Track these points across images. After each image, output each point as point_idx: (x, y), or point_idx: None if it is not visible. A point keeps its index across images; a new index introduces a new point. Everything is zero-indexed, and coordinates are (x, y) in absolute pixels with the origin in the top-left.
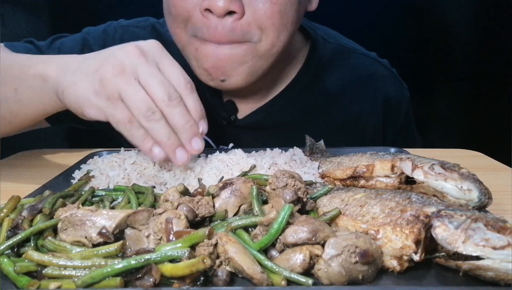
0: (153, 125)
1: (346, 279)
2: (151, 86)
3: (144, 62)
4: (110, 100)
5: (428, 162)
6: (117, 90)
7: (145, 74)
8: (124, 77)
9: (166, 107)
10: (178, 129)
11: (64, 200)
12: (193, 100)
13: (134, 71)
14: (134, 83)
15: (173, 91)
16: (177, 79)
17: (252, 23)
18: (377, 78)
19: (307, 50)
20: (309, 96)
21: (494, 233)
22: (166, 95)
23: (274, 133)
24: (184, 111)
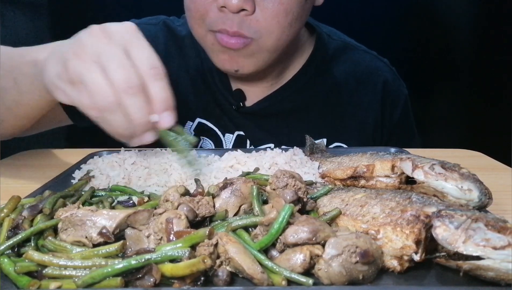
0: (110, 116)
1: (347, 279)
2: (109, 70)
3: (106, 44)
4: (73, 84)
5: (428, 162)
6: (78, 73)
7: (105, 56)
8: (83, 60)
9: (123, 94)
10: (132, 121)
11: (64, 200)
12: (157, 88)
13: (95, 53)
14: (93, 67)
15: (134, 76)
16: (142, 63)
17: (260, 20)
18: (377, 73)
19: (312, 44)
20: (313, 87)
21: (495, 233)
22: (124, 81)
23: (280, 120)
24: (140, 104)
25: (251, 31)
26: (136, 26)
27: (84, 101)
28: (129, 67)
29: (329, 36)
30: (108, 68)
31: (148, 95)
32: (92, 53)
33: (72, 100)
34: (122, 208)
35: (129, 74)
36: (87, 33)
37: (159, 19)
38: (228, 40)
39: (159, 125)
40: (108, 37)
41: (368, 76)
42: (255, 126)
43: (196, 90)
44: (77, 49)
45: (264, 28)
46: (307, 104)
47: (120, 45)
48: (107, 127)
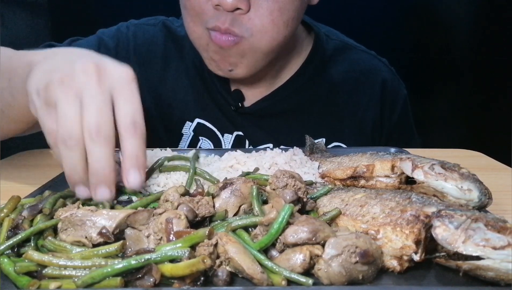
0: (63, 150)
1: (346, 279)
2: (87, 110)
3: (94, 84)
4: (46, 105)
5: (428, 162)
6: (55, 98)
7: (88, 96)
8: (65, 90)
9: (89, 138)
10: (90, 169)
11: (64, 200)
12: (132, 145)
13: (80, 89)
14: (72, 100)
15: (108, 127)
16: (125, 115)
17: (253, 18)
18: (376, 73)
19: (310, 44)
20: (312, 87)
21: (495, 233)
22: (95, 126)
23: (278, 120)
24: (106, 155)
25: (243, 29)
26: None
27: (49, 124)
28: (107, 115)
29: (328, 36)
30: (85, 108)
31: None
32: (78, 87)
33: (38, 118)
34: (122, 208)
35: (104, 122)
36: (82, 65)
37: (158, 20)
38: (220, 37)
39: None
40: (99, 77)
41: (367, 76)
42: (254, 127)
43: (195, 91)
44: (65, 76)
45: (256, 27)
46: (306, 104)
47: (108, 90)
48: (58, 159)
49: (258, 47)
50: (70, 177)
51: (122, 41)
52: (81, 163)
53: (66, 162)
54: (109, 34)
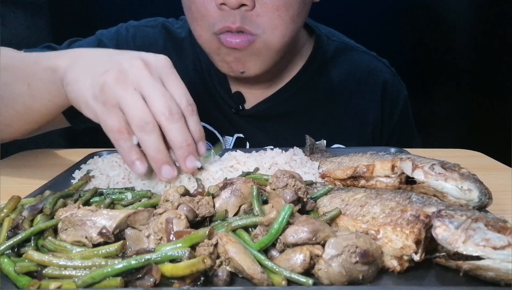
0: (144, 136)
1: (347, 279)
2: (152, 99)
3: (148, 75)
4: (106, 106)
5: (428, 162)
6: (115, 97)
7: (147, 86)
8: (125, 87)
9: (165, 120)
10: (175, 144)
11: (64, 200)
12: (194, 121)
13: (136, 82)
14: (133, 93)
15: (175, 106)
16: (180, 97)
17: (261, 14)
18: (376, 74)
19: (311, 46)
20: (313, 89)
21: (495, 233)
22: (167, 109)
23: (279, 122)
24: (184, 128)
25: (254, 27)
26: (169, 60)
27: (112, 122)
28: (170, 97)
29: (328, 37)
30: (150, 97)
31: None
32: (134, 82)
33: (99, 119)
34: (122, 208)
35: (171, 103)
36: (128, 61)
37: (157, 21)
38: (232, 39)
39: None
40: (148, 69)
41: (367, 77)
42: (254, 129)
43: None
44: (118, 75)
45: (266, 23)
46: (307, 105)
47: (158, 77)
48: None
49: (271, 44)
50: (156, 159)
51: (122, 43)
52: (163, 144)
53: (150, 146)
54: (108, 36)
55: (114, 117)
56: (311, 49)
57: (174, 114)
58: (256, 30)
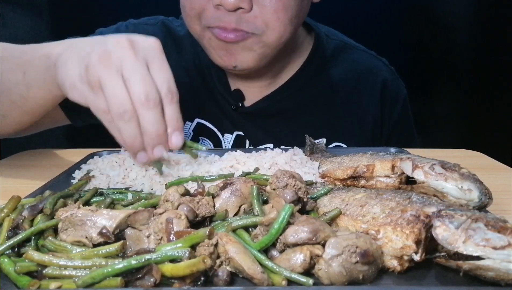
0: (122, 124)
1: (347, 279)
2: (131, 82)
3: (131, 56)
4: (92, 87)
5: (428, 162)
6: (99, 78)
7: (129, 68)
8: (107, 67)
9: (140, 106)
10: (145, 132)
11: (65, 200)
12: (172, 110)
13: (119, 63)
14: (115, 75)
15: (153, 92)
16: (162, 83)
17: (259, 16)
18: (376, 73)
19: (311, 44)
20: (312, 87)
21: (495, 233)
22: (143, 94)
23: (279, 120)
24: (157, 116)
25: (251, 27)
26: (160, 43)
27: (100, 105)
28: (150, 82)
29: (328, 36)
30: (129, 79)
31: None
32: (117, 62)
33: (87, 102)
34: (122, 208)
35: (149, 89)
36: (114, 40)
37: (157, 19)
38: (226, 34)
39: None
40: (134, 50)
41: (367, 76)
42: (254, 126)
43: (195, 91)
44: (102, 55)
45: (264, 24)
46: (306, 104)
47: (143, 59)
48: (116, 135)
49: (267, 43)
50: (132, 146)
51: None
52: (139, 131)
53: (127, 134)
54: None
55: (101, 99)
56: (310, 48)
57: (150, 100)
58: (253, 30)
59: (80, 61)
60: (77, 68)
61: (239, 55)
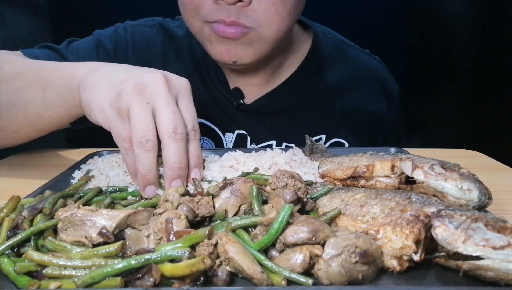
0: (141, 153)
1: (346, 279)
2: (162, 113)
3: (165, 91)
4: (120, 113)
5: (428, 162)
6: (129, 106)
7: (162, 101)
8: (140, 97)
9: (167, 137)
10: (167, 163)
11: (64, 200)
12: (195, 147)
13: (153, 96)
14: (145, 106)
15: (182, 126)
16: (188, 120)
17: (257, 10)
18: (373, 71)
19: (308, 43)
20: (311, 85)
21: (494, 233)
22: (172, 126)
23: (280, 118)
24: (182, 150)
25: (249, 21)
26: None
27: (123, 132)
28: (180, 117)
29: (325, 35)
30: (161, 111)
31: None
32: (151, 94)
33: (110, 127)
34: (122, 208)
35: (179, 122)
36: (150, 75)
37: (155, 21)
38: (225, 29)
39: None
40: (168, 86)
41: (365, 73)
42: (255, 124)
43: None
44: (137, 86)
45: (262, 18)
46: (306, 101)
47: (175, 97)
48: (130, 164)
49: (265, 37)
50: (145, 177)
51: (120, 42)
52: (156, 164)
53: (143, 164)
54: (106, 36)
55: (126, 125)
56: (308, 47)
57: (177, 133)
58: (251, 24)
59: (112, 87)
60: (108, 93)
61: (239, 50)
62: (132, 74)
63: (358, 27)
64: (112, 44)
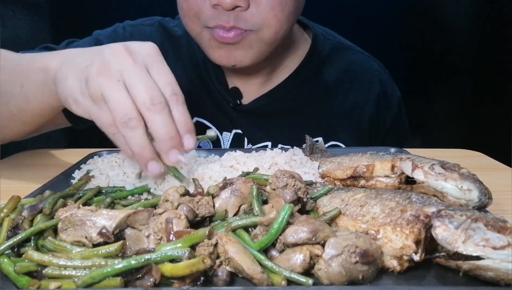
0: (128, 133)
1: (346, 279)
2: (133, 88)
3: (131, 63)
4: (94, 100)
5: (428, 162)
6: (100, 90)
7: (130, 75)
8: (107, 78)
9: (146, 110)
10: (157, 137)
11: (64, 200)
12: (179, 112)
13: (119, 72)
14: (116, 84)
15: (158, 95)
16: (165, 86)
17: (256, 14)
18: (372, 73)
19: (307, 44)
20: (310, 86)
21: (494, 233)
22: (148, 98)
23: (277, 119)
24: (167, 119)
25: (248, 25)
26: (157, 47)
27: (105, 117)
28: (153, 86)
29: (324, 37)
30: (132, 86)
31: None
32: (116, 71)
33: (91, 116)
34: (122, 208)
35: (153, 92)
36: (110, 50)
37: (154, 20)
38: (225, 34)
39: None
40: (131, 56)
41: (363, 75)
42: (252, 125)
43: (193, 90)
44: (100, 66)
45: (261, 21)
46: (304, 103)
47: (143, 65)
48: (123, 147)
49: (263, 39)
50: (141, 155)
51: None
52: (147, 139)
53: (134, 142)
54: (105, 35)
55: (105, 111)
56: (307, 48)
57: (156, 103)
58: (251, 27)
59: (79, 75)
60: (77, 82)
61: (238, 54)
62: (93, 55)
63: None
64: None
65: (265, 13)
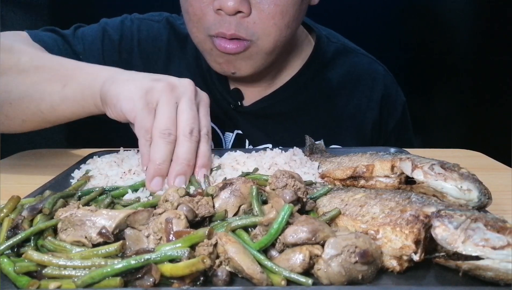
0: (161, 143)
1: (346, 279)
2: (183, 114)
3: (192, 96)
4: (147, 105)
5: (428, 162)
6: (157, 101)
7: (186, 104)
8: (168, 96)
9: (183, 136)
10: (177, 159)
11: (64, 200)
12: (205, 148)
13: (179, 97)
14: (172, 104)
15: (197, 130)
16: (204, 126)
17: (257, 22)
18: (375, 77)
19: (311, 46)
20: (312, 89)
21: (494, 233)
22: (189, 128)
23: (278, 121)
24: (193, 149)
25: (249, 33)
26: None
27: (147, 123)
28: (197, 121)
29: (328, 39)
30: (183, 112)
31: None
32: (177, 95)
33: (136, 116)
34: (122, 208)
35: (196, 126)
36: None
37: (162, 16)
38: (226, 45)
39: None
40: (196, 92)
41: (366, 79)
42: (253, 126)
43: None
44: (167, 85)
45: (261, 30)
46: (306, 105)
47: (197, 104)
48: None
49: (263, 49)
50: (157, 167)
51: (126, 34)
52: (171, 157)
53: (160, 154)
54: (112, 26)
55: (151, 117)
56: (311, 50)
57: (193, 135)
58: (251, 37)
59: (145, 83)
60: (140, 86)
61: (238, 64)
62: (163, 76)
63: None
64: (118, 35)
65: (265, 22)
